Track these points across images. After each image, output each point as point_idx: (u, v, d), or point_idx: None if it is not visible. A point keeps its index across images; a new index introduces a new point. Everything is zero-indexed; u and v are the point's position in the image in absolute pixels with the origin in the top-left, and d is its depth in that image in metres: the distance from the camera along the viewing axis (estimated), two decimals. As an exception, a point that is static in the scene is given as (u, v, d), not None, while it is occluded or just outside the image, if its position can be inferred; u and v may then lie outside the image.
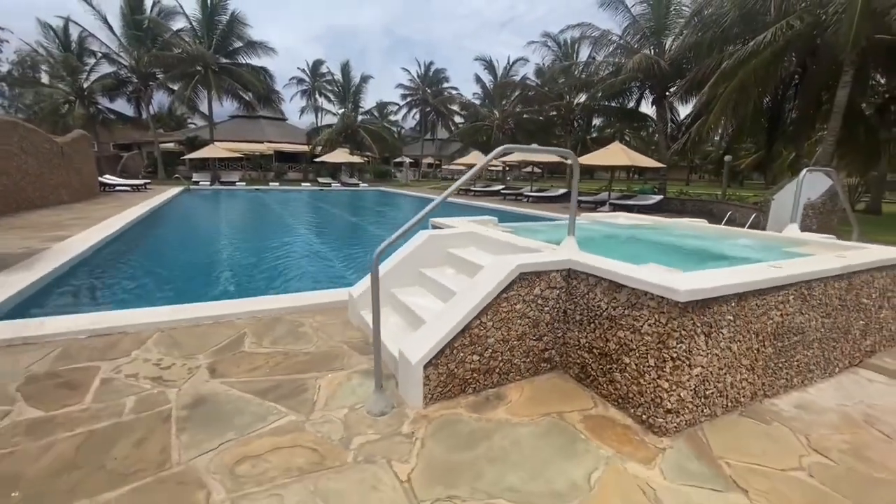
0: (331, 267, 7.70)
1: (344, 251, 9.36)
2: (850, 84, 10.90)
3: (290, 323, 3.98)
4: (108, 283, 6.04)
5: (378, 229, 13.24)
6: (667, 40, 19.19)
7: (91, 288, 5.79)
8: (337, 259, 8.40)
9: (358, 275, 6.85)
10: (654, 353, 2.46)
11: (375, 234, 12.15)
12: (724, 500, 2.02)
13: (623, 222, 5.88)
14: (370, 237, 11.62)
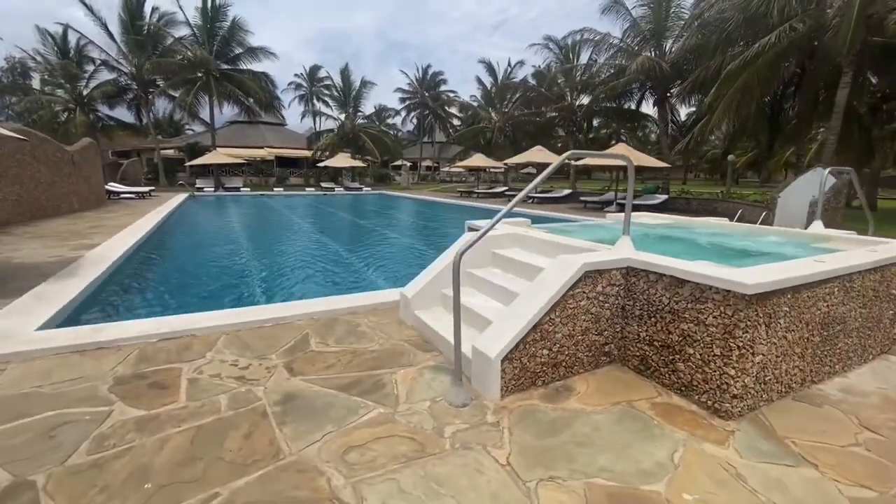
0: (358, 270, 7.86)
1: (368, 256, 9.52)
2: (849, 85, 11.24)
3: (346, 323, 4.13)
4: (150, 288, 6.19)
5: (397, 234, 13.41)
6: (666, 42, 19.54)
7: (137, 293, 5.93)
8: (364, 264, 8.56)
9: (387, 278, 7.05)
10: (719, 343, 2.65)
11: (394, 238, 12.32)
12: (798, 474, 2.21)
13: (650, 222, 6.09)
14: (389, 241, 11.77)
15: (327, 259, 8.63)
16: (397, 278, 6.75)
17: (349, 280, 7.14)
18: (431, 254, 9.57)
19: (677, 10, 19.22)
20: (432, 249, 10.12)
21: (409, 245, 10.96)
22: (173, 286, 6.44)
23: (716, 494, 2.06)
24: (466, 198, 24.94)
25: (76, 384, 2.94)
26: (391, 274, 7.54)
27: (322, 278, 7.14)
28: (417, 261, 8.81)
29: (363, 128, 36.52)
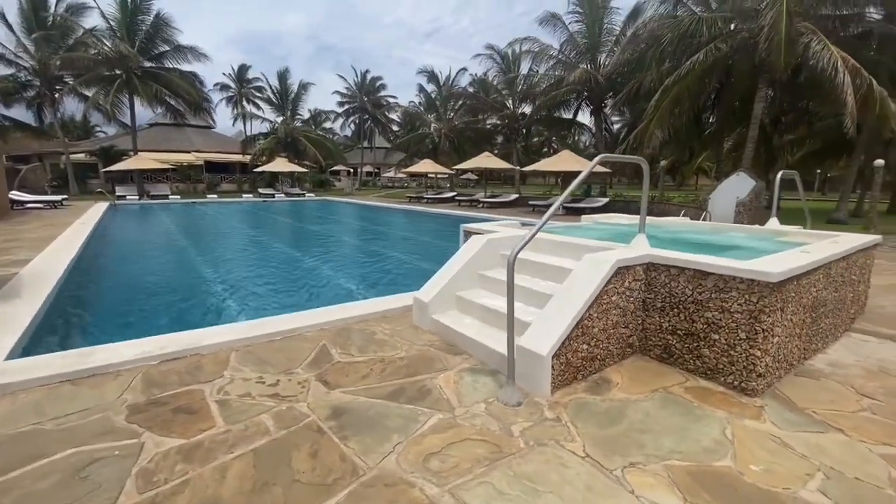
0: (321, 275, 7.56)
1: (320, 261, 9.18)
2: (764, 99, 12.83)
3: (361, 332, 3.99)
4: (116, 306, 5.53)
5: (352, 238, 13.05)
6: (600, 56, 21.00)
7: (104, 311, 5.28)
8: (324, 266, 8.25)
9: (363, 287, 6.86)
10: (744, 328, 2.92)
11: (346, 243, 11.99)
12: (830, 439, 2.49)
13: (624, 222, 6.51)
14: (345, 247, 11.44)
15: (303, 271, 8.22)
16: (391, 289, 6.59)
17: (320, 285, 6.86)
18: (420, 264, 9.46)
19: (609, 27, 20.76)
20: (420, 259, 10.00)
21: (391, 255, 10.72)
22: (139, 302, 5.81)
23: (776, 463, 2.27)
24: (416, 203, 24.91)
25: (84, 417, 2.57)
26: (381, 283, 7.36)
27: (307, 293, 6.77)
28: (407, 272, 8.70)
29: (303, 132, 35.22)
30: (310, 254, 9.97)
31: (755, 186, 12.94)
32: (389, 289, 6.37)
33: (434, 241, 12.94)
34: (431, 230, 15.12)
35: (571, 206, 17.82)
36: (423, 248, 11.67)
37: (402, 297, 4.85)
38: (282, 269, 8.19)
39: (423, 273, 7.95)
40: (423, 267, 8.73)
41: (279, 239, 12.59)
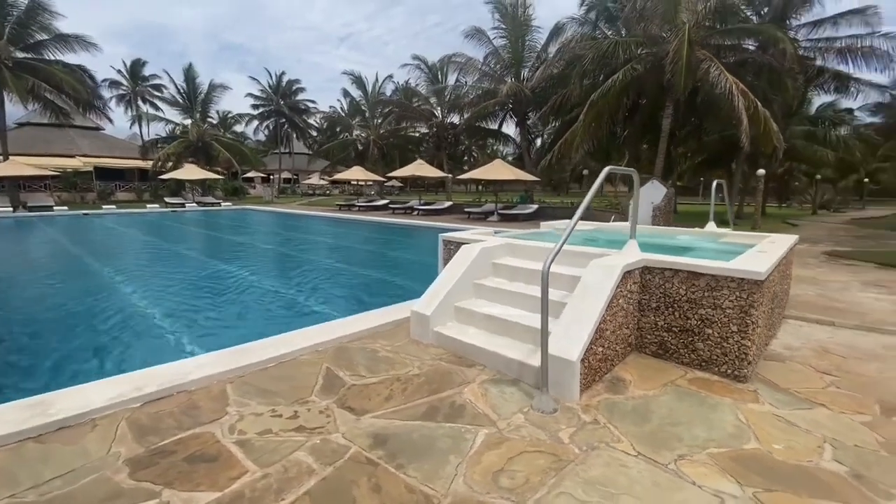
0: (283, 297, 7.05)
1: (276, 279, 8.56)
2: (671, 115, 14.54)
3: (360, 351, 3.78)
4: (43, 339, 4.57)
5: (300, 253, 12.27)
6: (524, 70, 22.23)
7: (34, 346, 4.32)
8: (282, 285, 7.69)
9: (330, 305, 6.51)
10: (736, 322, 3.28)
11: (297, 258, 11.28)
12: (819, 413, 2.87)
13: (584, 227, 6.94)
14: (297, 263, 10.75)
15: (261, 292, 7.53)
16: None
17: (309, 316, 6.38)
18: (385, 277, 9.14)
19: (531, 44, 22.09)
20: (382, 272, 9.67)
21: (348, 268, 10.19)
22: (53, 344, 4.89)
23: (791, 440, 2.56)
24: (347, 211, 24.19)
25: (73, 481, 2.12)
26: (350, 298, 7.00)
27: (266, 317, 6.21)
28: (372, 285, 8.38)
29: (215, 136, 32.49)
30: (260, 271, 9.19)
31: (667, 192, 14.55)
32: (361, 305, 6.12)
33: (393, 253, 12.68)
34: (383, 241, 14.79)
35: (505, 212, 18.55)
36: (383, 260, 11.37)
37: (393, 310, 4.70)
38: (233, 292, 7.45)
39: (390, 286, 7.78)
40: (389, 280, 8.52)
41: (216, 256, 11.43)
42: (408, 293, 6.07)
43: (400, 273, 9.29)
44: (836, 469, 2.30)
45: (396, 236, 15.61)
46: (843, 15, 15.70)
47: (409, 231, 16.49)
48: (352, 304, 6.57)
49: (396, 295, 6.53)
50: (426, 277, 8.43)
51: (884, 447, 2.50)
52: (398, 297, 5.44)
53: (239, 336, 4.06)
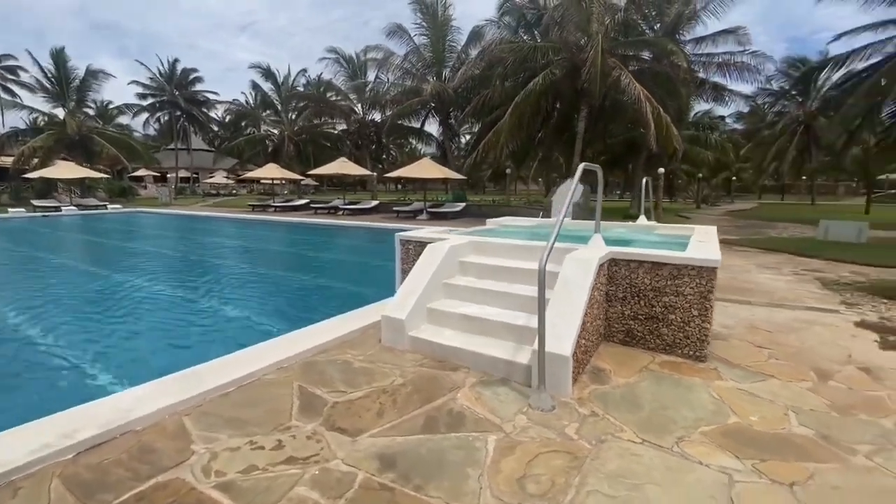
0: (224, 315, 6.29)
1: (204, 294, 7.64)
2: (585, 119, 15.65)
3: (330, 364, 3.45)
4: None
5: (233, 261, 11.03)
6: (445, 70, 22.44)
7: None
8: (218, 300, 6.86)
9: (277, 319, 5.90)
10: (697, 306, 3.55)
11: (239, 269, 10.14)
12: (773, 384, 3.21)
13: (526, 223, 7.14)
14: (238, 274, 9.65)
15: (202, 313, 6.57)
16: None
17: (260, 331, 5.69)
18: (330, 284, 8.48)
19: (452, 45, 22.35)
20: (324, 278, 9.01)
21: (287, 276, 9.31)
22: None
23: (761, 411, 2.83)
24: (261, 212, 22.47)
25: (4, 570, 1.62)
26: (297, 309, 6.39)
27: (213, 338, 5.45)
28: (318, 292, 7.77)
29: (96, 128, 28.19)
30: (176, 284, 8.07)
31: (584, 189, 15.64)
32: (310, 314, 5.66)
33: (327, 255, 11.95)
34: (312, 243, 13.92)
35: (434, 210, 18.57)
36: (318, 264, 10.66)
37: (355, 317, 4.40)
38: (149, 310, 6.42)
39: (335, 292, 7.30)
40: (331, 286, 8.00)
41: (124, 268, 9.82)
42: (356, 298, 5.77)
43: (342, 277, 8.81)
44: (806, 433, 2.58)
45: (326, 238, 14.86)
46: (720, 33, 18.11)
47: (338, 232, 15.77)
48: (300, 314, 6.06)
49: (344, 300, 6.17)
50: (371, 280, 8.17)
51: (832, 409, 2.86)
52: (347, 303, 5.12)
53: (172, 360, 3.49)
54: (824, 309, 5.16)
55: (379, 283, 7.64)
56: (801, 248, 9.57)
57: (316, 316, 4.53)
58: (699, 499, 2.05)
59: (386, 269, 9.39)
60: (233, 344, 3.87)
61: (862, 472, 2.22)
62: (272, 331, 4.67)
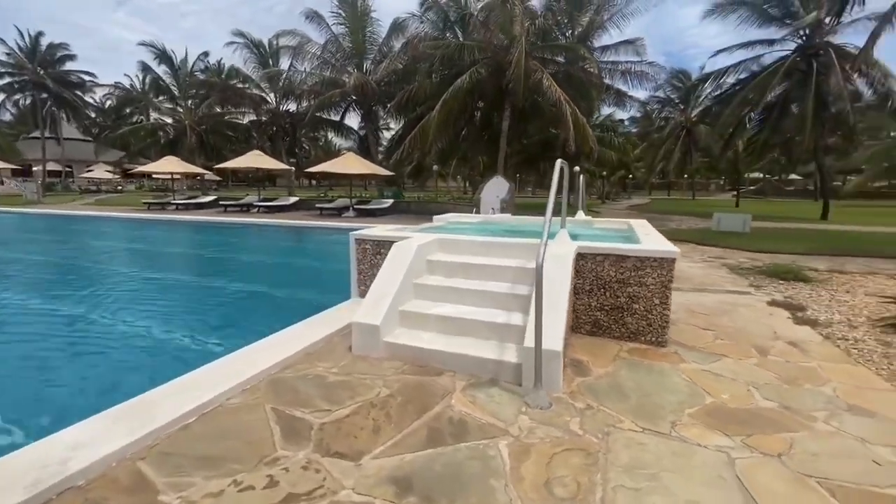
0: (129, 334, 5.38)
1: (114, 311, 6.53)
2: (509, 118, 16.18)
3: (301, 380, 3.10)
4: None
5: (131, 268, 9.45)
6: (366, 62, 21.77)
7: None
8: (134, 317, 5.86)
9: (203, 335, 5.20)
10: (658, 295, 3.79)
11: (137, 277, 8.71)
12: (727, 363, 3.53)
13: (473, 220, 7.15)
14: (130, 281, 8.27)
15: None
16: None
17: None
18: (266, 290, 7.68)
19: (373, 37, 21.73)
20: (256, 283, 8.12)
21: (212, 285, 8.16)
22: None
23: (728, 389, 3.08)
24: (160, 210, 19.96)
25: None
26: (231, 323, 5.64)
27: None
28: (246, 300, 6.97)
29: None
30: (81, 298, 6.74)
31: (510, 187, 16.20)
32: (261, 325, 5.09)
33: (250, 258, 10.85)
34: (227, 245, 12.59)
35: (361, 207, 17.97)
36: (243, 268, 9.64)
37: (314, 325, 4.02)
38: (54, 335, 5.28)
39: (272, 300, 6.64)
40: (266, 292, 7.27)
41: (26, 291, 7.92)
42: (304, 304, 5.34)
43: (279, 282, 8.08)
44: (771, 406, 2.86)
45: (245, 238, 13.61)
46: (622, 43, 19.85)
47: (260, 232, 14.50)
48: (243, 327, 5.42)
49: (290, 308, 5.67)
50: (315, 283, 7.61)
51: (782, 381, 3.21)
52: (295, 310, 4.69)
53: (100, 391, 2.89)
54: (739, 291, 5.87)
55: (324, 287, 7.16)
56: (701, 238, 10.88)
57: (262, 328, 4.06)
58: (711, 480, 2.15)
59: (329, 270, 8.87)
60: (169, 369, 3.30)
61: (828, 437, 2.51)
62: (215, 350, 4.10)
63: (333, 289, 5.39)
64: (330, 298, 4.92)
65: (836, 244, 10.29)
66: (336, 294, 5.09)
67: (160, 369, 3.80)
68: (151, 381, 2.88)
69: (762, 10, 16.70)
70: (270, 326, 3.95)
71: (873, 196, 41.69)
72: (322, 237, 13.18)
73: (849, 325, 4.55)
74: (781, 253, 9.07)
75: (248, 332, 4.01)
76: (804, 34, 16.71)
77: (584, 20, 18.47)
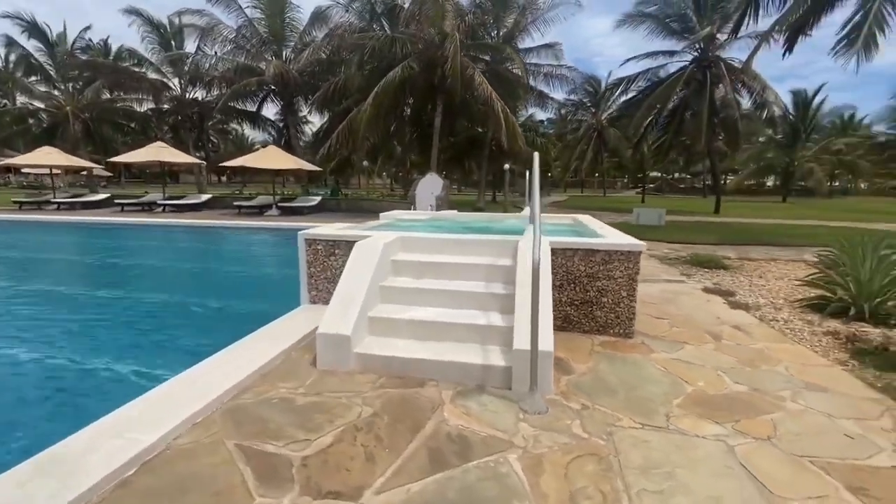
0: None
1: None
2: (442, 114, 16.08)
3: (264, 406, 2.66)
4: None
5: None
6: (286, 50, 20.34)
7: None
8: None
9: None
10: (625, 289, 3.86)
11: None
12: (690, 350, 3.69)
13: (422, 217, 6.89)
14: None
15: None
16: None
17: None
18: None
19: (292, 23, 20.34)
20: None
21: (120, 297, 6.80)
22: None
23: (702, 376, 3.20)
24: (37, 211, 16.95)
25: None
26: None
27: None
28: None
29: None
30: None
31: (445, 183, 16.17)
32: (185, 346, 4.38)
33: (176, 266, 9.43)
34: (147, 250, 10.94)
35: (287, 205, 16.77)
36: (167, 279, 8.35)
37: (262, 339, 3.51)
38: None
39: (213, 314, 5.78)
40: (211, 305, 6.32)
41: None
42: (237, 317, 4.75)
43: (205, 292, 7.12)
44: (742, 389, 3.01)
45: (151, 242, 11.95)
46: (543, 47, 20.74)
47: (171, 234, 12.83)
48: (180, 345, 4.63)
49: (229, 320, 5.01)
50: (250, 291, 6.81)
51: (743, 364, 3.42)
52: (229, 323, 4.15)
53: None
54: (675, 280, 6.31)
55: (261, 294, 6.45)
56: (625, 231, 11.67)
57: (198, 347, 3.48)
58: (719, 470, 2.16)
59: (261, 275, 8.04)
60: (83, 407, 2.65)
61: (800, 416, 2.67)
62: (140, 380, 3.42)
63: (271, 296, 4.85)
64: (268, 307, 4.38)
65: (736, 235, 11.66)
66: (275, 301, 4.57)
67: (68, 407, 3.09)
68: (62, 425, 2.26)
69: (665, 23, 18.46)
70: (205, 344, 3.39)
71: (746, 193, 48.54)
72: (245, 238, 12.07)
73: (773, 307, 5.06)
74: (696, 244, 10.03)
75: (179, 352, 3.41)
76: (699, 47, 18.76)
77: (510, 21, 18.93)
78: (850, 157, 38.83)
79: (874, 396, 2.93)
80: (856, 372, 3.31)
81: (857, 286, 4.52)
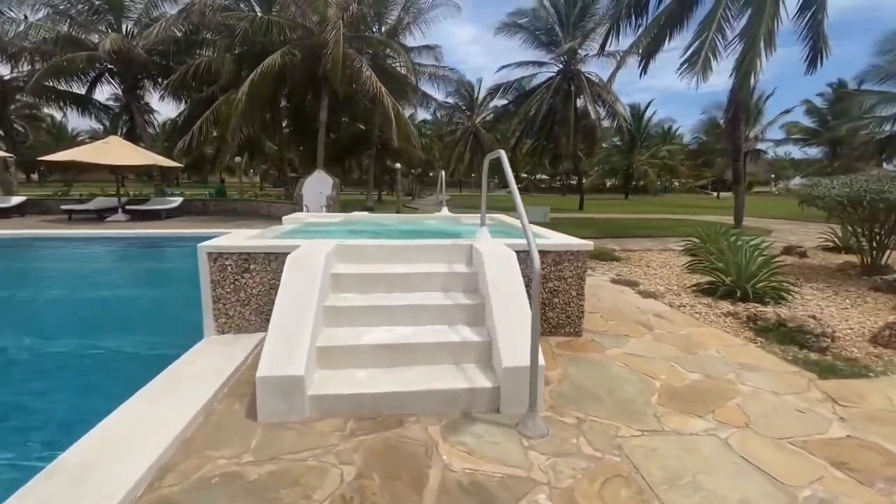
0: None
1: None
2: (327, 107, 14.97)
3: (208, 494, 1.93)
4: None
5: None
6: (128, 23, 16.87)
7: None
8: None
9: None
10: (575, 287, 3.88)
11: None
12: (636, 343, 3.85)
13: (334, 220, 6.18)
14: None
15: None
16: None
17: None
18: None
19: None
20: None
21: None
22: None
23: (662, 370, 3.32)
24: None
25: None
26: None
27: None
28: None
29: None
30: None
31: (335, 182, 15.15)
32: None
33: None
34: None
35: (138, 208, 13.89)
36: None
37: (167, 391, 2.65)
38: None
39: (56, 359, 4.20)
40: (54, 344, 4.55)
41: None
42: (104, 359, 3.62)
43: (44, 328, 5.27)
44: (701, 378, 3.19)
45: None
46: (424, 48, 20.86)
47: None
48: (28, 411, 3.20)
49: (84, 368, 3.76)
50: (99, 323, 5.23)
51: (683, 351, 3.66)
52: (95, 369, 3.10)
53: None
54: (586, 274, 6.71)
55: (124, 325, 5.06)
56: (520, 229, 12.30)
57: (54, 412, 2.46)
58: (728, 468, 2.18)
59: (118, 298, 6.33)
60: None
61: (755, 397, 2.90)
62: None
63: (148, 327, 3.80)
64: (151, 340, 3.42)
65: (608, 229, 13.15)
66: (155, 333, 3.59)
67: None
68: None
69: (536, 35, 20.06)
70: (64, 413, 2.41)
71: (595, 191, 56.07)
72: (85, 252, 9.59)
73: (673, 293, 5.67)
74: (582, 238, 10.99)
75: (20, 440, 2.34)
76: (564, 60, 20.85)
77: (392, 17, 18.57)
78: (672, 162, 47.65)
79: (793, 370, 3.35)
80: (766, 348, 3.80)
81: (738, 271, 5.29)
